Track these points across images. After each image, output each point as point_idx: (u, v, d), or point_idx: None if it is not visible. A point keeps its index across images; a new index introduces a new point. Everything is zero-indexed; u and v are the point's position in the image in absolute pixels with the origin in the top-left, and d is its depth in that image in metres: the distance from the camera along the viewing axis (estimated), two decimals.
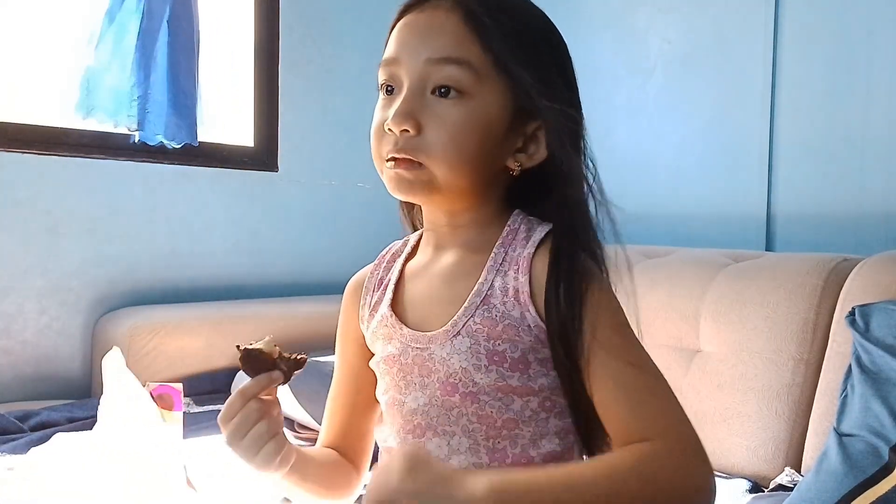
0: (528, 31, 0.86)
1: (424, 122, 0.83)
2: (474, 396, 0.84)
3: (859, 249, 1.76)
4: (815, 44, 2.05)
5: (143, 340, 2.14)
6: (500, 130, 0.85)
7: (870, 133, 1.94)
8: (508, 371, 0.83)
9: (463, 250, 0.91)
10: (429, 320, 0.89)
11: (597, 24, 2.49)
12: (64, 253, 2.23)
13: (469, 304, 0.85)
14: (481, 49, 0.83)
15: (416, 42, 0.85)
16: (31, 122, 2.21)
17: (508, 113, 0.85)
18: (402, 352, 0.89)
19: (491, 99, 0.84)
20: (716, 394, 1.69)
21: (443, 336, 0.86)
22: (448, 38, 0.83)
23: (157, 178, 2.41)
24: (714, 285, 1.78)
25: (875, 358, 1.38)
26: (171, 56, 2.30)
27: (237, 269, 2.60)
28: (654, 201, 2.38)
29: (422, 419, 0.87)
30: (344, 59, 2.81)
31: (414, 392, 0.88)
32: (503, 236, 0.88)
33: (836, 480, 1.25)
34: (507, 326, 0.84)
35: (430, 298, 0.91)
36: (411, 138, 0.83)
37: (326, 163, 2.78)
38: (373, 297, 0.97)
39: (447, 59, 0.83)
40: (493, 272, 0.86)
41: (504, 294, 0.85)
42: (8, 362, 2.14)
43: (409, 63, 0.84)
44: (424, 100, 0.83)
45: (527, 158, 0.87)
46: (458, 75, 0.82)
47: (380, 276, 0.98)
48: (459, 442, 0.85)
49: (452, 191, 0.86)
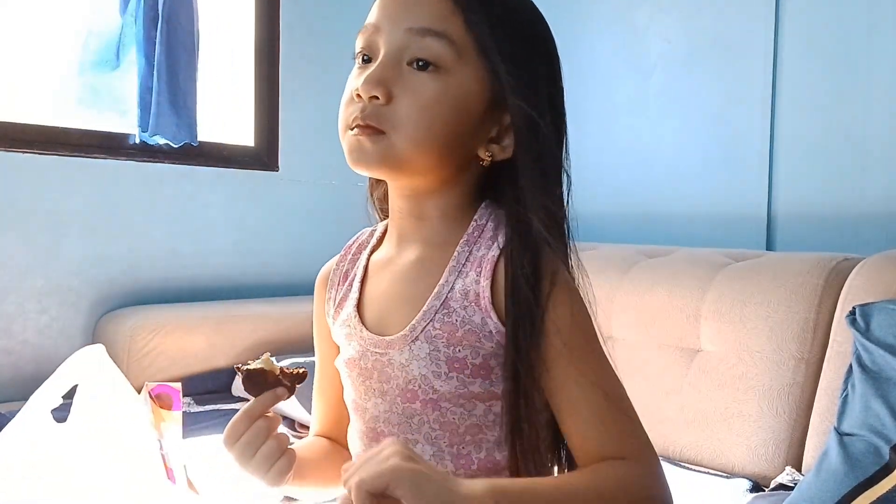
0: (514, 21, 0.83)
1: (396, 91, 0.79)
2: (435, 403, 0.82)
3: (860, 249, 1.76)
4: (815, 43, 2.04)
5: (144, 340, 2.15)
6: (473, 115, 0.81)
7: (870, 132, 1.94)
8: (469, 377, 0.81)
9: (426, 245, 0.87)
10: (388, 321, 0.86)
11: (597, 24, 2.49)
12: (65, 253, 2.23)
13: (428, 307, 0.82)
14: (464, 26, 0.79)
15: (397, 11, 0.82)
16: (32, 122, 2.21)
17: (485, 98, 0.82)
18: (362, 355, 0.87)
19: (468, 79, 0.80)
20: (716, 393, 1.69)
21: (401, 341, 0.83)
22: (432, 9, 0.80)
23: (158, 177, 2.41)
24: (714, 285, 1.78)
25: (876, 357, 1.38)
26: (170, 55, 2.30)
27: (238, 269, 2.60)
28: (655, 200, 2.38)
29: (384, 426, 0.85)
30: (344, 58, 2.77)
31: (374, 398, 0.86)
32: (468, 233, 0.84)
33: (836, 480, 1.25)
34: (467, 332, 0.80)
35: (390, 298, 0.88)
36: (380, 106, 0.79)
37: (327, 162, 2.78)
38: (338, 291, 0.94)
39: (428, 31, 0.79)
40: (455, 273, 0.83)
41: (464, 297, 0.81)
42: (9, 362, 2.14)
43: (389, 31, 0.81)
44: (400, 69, 0.80)
45: (499, 150, 0.83)
46: (438, 48, 0.79)
47: (345, 268, 0.95)
48: (423, 449, 0.83)
49: (416, 169, 0.82)
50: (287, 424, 1.99)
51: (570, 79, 0.90)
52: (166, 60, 2.30)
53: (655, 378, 1.79)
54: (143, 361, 2.14)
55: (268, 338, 2.34)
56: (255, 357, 0.85)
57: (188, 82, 2.36)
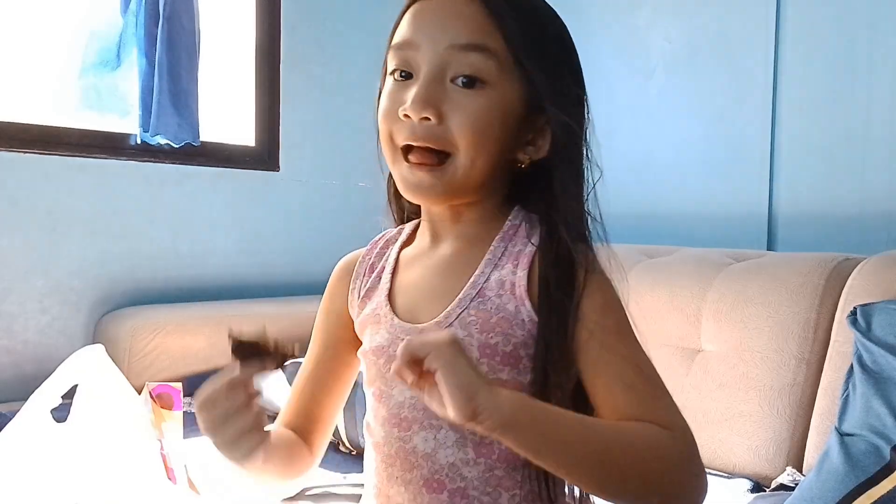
0: (544, 28, 0.85)
1: (445, 110, 0.80)
2: None
3: (861, 249, 1.76)
4: (816, 43, 2.04)
5: (145, 340, 2.15)
6: (515, 123, 0.84)
7: (871, 132, 1.94)
8: (499, 365, 0.82)
9: (461, 242, 0.89)
10: (420, 311, 0.87)
11: (598, 24, 2.49)
12: (65, 253, 2.24)
13: (464, 295, 0.84)
14: (503, 39, 0.81)
15: (435, 27, 0.82)
16: (32, 122, 2.21)
17: (523, 105, 0.84)
18: (391, 343, 0.87)
19: (509, 90, 0.82)
20: (717, 393, 1.69)
21: (434, 328, 0.84)
22: (470, 24, 0.81)
23: (159, 177, 2.41)
24: (715, 285, 1.78)
25: (876, 357, 1.38)
26: (171, 55, 2.30)
27: (239, 269, 2.60)
28: (656, 200, 2.38)
29: (408, 412, 0.85)
30: (345, 58, 2.81)
31: (400, 385, 0.84)
32: (504, 230, 0.87)
33: (837, 480, 1.25)
34: (500, 319, 0.82)
35: (423, 289, 0.89)
36: (432, 126, 0.80)
37: (328, 162, 2.78)
38: (363, 282, 0.95)
39: (471, 46, 0.80)
40: (491, 266, 0.85)
41: (500, 287, 0.83)
42: (10, 362, 2.14)
43: (428, 48, 0.82)
44: (444, 87, 0.81)
45: (535, 151, 0.86)
46: (482, 64, 0.80)
47: (371, 261, 0.96)
48: (446, 436, 0.82)
49: (467, 188, 0.84)
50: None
51: None
52: (167, 60, 2.29)
53: None
54: (143, 361, 2.14)
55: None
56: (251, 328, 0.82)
57: (190, 82, 2.36)
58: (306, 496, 1.49)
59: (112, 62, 2.28)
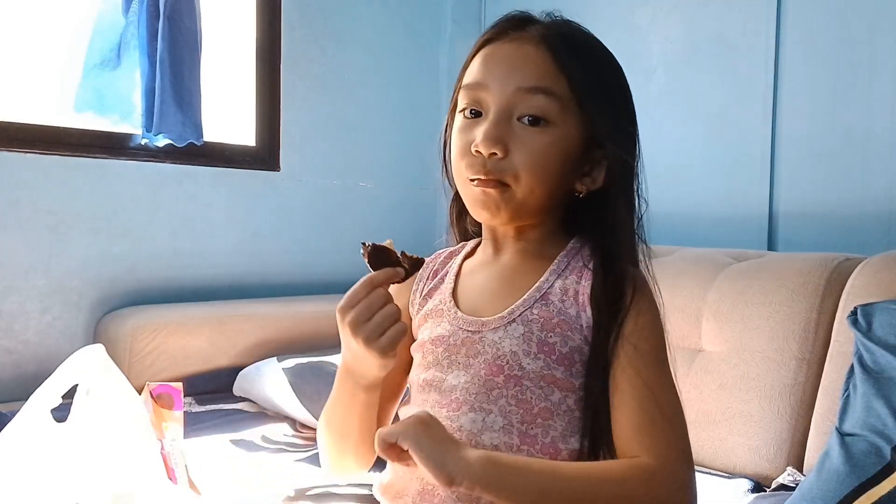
0: (604, 72, 0.94)
1: (512, 147, 0.89)
2: (518, 380, 0.88)
3: (861, 249, 1.76)
4: (817, 43, 2.04)
5: (146, 340, 2.15)
6: (575, 157, 0.92)
7: (872, 132, 1.94)
8: (555, 363, 0.89)
9: (524, 255, 0.97)
10: (482, 309, 0.94)
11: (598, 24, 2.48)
12: (66, 252, 2.24)
13: (528, 296, 0.92)
14: (567, 83, 0.89)
15: (504, 70, 0.90)
16: (33, 122, 2.21)
17: (583, 142, 0.92)
18: (452, 333, 0.94)
19: (571, 129, 0.91)
20: (718, 393, 1.69)
21: (497, 321, 0.91)
22: (537, 69, 0.89)
23: (159, 177, 2.41)
24: (716, 285, 1.78)
25: (877, 357, 1.38)
26: (173, 54, 2.30)
27: (239, 269, 2.60)
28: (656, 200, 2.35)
29: (460, 395, 0.90)
30: (346, 58, 2.81)
31: (457, 370, 0.92)
32: (567, 250, 0.95)
33: (838, 480, 1.25)
34: (561, 321, 0.90)
35: (487, 291, 0.96)
36: (498, 161, 0.89)
37: (328, 162, 2.78)
38: (426, 284, 1.02)
39: (537, 89, 0.89)
40: (555, 275, 0.93)
41: (563, 293, 0.91)
42: (10, 361, 2.14)
43: (497, 90, 0.90)
44: (511, 125, 0.89)
45: (591, 182, 0.94)
46: (546, 105, 0.89)
47: (435, 268, 1.04)
48: (494, 420, 0.88)
49: (529, 212, 0.93)
50: (289, 424, 1.99)
51: None
52: (169, 58, 2.29)
53: None
54: (144, 361, 2.14)
55: (269, 337, 2.34)
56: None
57: (192, 80, 2.36)
58: (306, 496, 1.49)
59: (113, 62, 2.28)
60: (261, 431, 1.92)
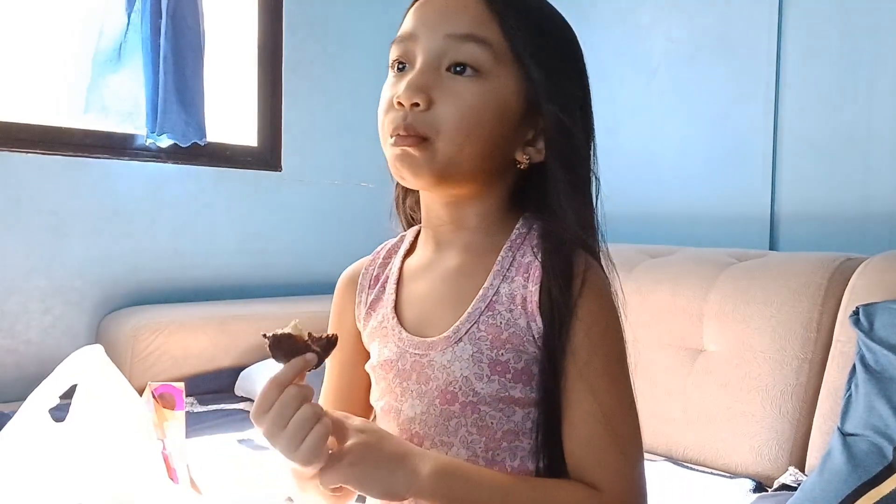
0: (548, 28, 0.85)
1: (436, 96, 0.80)
2: (474, 406, 0.81)
3: (863, 248, 1.76)
4: (819, 42, 2.04)
5: (147, 340, 2.15)
6: (512, 118, 0.83)
7: (874, 132, 1.94)
8: (511, 382, 0.81)
9: (467, 252, 0.88)
10: (429, 324, 0.86)
11: (601, 23, 2.49)
12: (68, 252, 2.24)
13: (473, 309, 0.83)
14: (501, 32, 0.81)
15: (435, 18, 0.82)
16: (36, 122, 2.21)
17: (521, 102, 0.83)
18: (400, 356, 0.86)
19: (506, 83, 0.82)
20: (719, 393, 1.69)
21: (444, 342, 0.83)
22: (470, 16, 0.81)
23: (161, 177, 2.41)
24: (718, 284, 1.78)
25: (879, 357, 1.37)
26: (176, 53, 2.30)
27: (241, 269, 2.60)
28: (658, 200, 2.38)
29: (419, 428, 0.84)
30: (347, 58, 2.81)
31: (411, 399, 0.84)
32: (511, 239, 0.85)
33: (840, 480, 1.25)
34: (511, 335, 0.81)
35: (431, 301, 0.88)
36: (421, 113, 0.80)
37: (330, 162, 2.79)
38: (368, 294, 0.94)
39: (468, 36, 0.80)
40: (500, 277, 0.84)
41: (511, 301, 0.82)
42: (12, 361, 2.15)
43: (427, 38, 0.82)
44: (439, 75, 0.81)
45: (535, 153, 0.85)
46: (478, 53, 0.80)
47: (375, 272, 0.95)
48: (458, 453, 0.82)
49: (459, 174, 0.82)
50: None
51: None
52: (173, 59, 2.29)
53: (659, 378, 1.79)
54: (146, 361, 2.14)
55: None
56: (283, 326, 0.81)
57: (195, 81, 2.36)
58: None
59: (116, 61, 2.28)
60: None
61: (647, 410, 0.83)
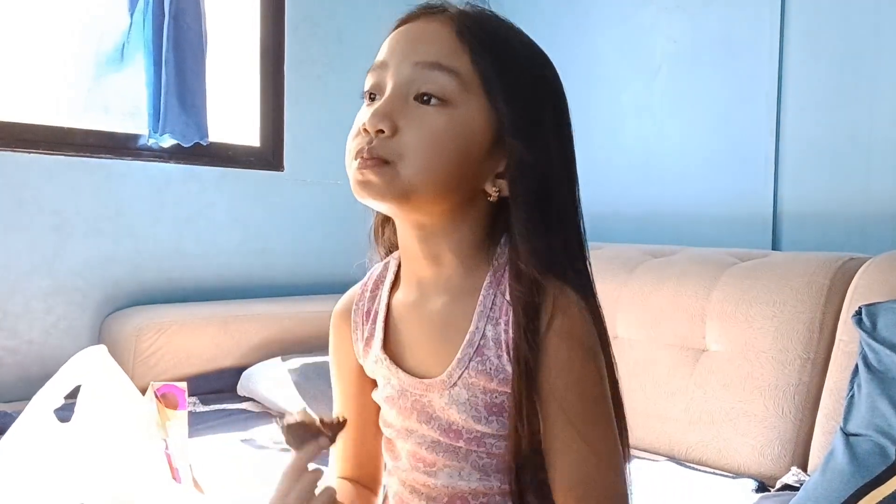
0: (519, 63, 0.83)
1: (402, 124, 0.79)
2: (479, 441, 0.83)
3: (866, 248, 1.76)
4: (821, 42, 2.04)
5: (150, 340, 2.15)
6: (478, 149, 0.81)
7: (876, 132, 1.94)
8: (508, 420, 0.82)
9: (449, 294, 0.87)
10: (424, 365, 0.87)
11: (602, 24, 2.49)
12: (70, 252, 2.24)
13: (462, 355, 0.83)
14: (470, 62, 0.80)
15: (405, 47, 0.83)
16: (38, 122, 2.22)
17: (491, 133, 0.82)
18: (401, 395, 0.88)
19: (474, 114, 0.81)
20: (722, 393, 1.69)
21: (440, 385, 0.84)
22: (439, 45, 0.81)
23: (163, 177, 2.41)
24: (720, 284, 1.78)
25: (882, 357, 1.37)
26: (178, 54, 2.30)
27: (243, 269, 2.60)
28: (660, 200, 2.38)
29: (427, 454, 0.86)
30: (349, 58, 2.81)
31: (415, 435, 0.87)
32: (490, 275, 0.84)
33: (842, 480, 1.25)
34: (501, 381, 0.81)
35: (422, 345, 0.88)
36: (385, 139, 0.79)
37: (332, 162, 2.78)
38: (363, 330, 0.94)
39: (435, 65, 0.80)
40: (484, 319, 0.83)
41: (497, 346, 0.82)
42: (14, 361, 2.15)
43: (396, 67, 0.82)
44: (406, 103, 0.80)
45: (505, 185, 0.83)
46: (444, 82, 0.79)
47: (365, 306, 0.95)
48: (469, 473, 0.84)
49: (421, 200, 0.81)
50: None
51: (575, 79, 0.90)
52: (175, 59, 2.30)
53: (661, 378, 1.79)
54: (148, 361, 2.14)
55: (273, 337, 2.34)
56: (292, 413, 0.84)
57: (197, 81, 2.36)
58: None
59: (119, 61, 2.29)
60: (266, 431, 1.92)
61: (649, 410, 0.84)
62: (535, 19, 2.51)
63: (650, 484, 1.56)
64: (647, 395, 1.77)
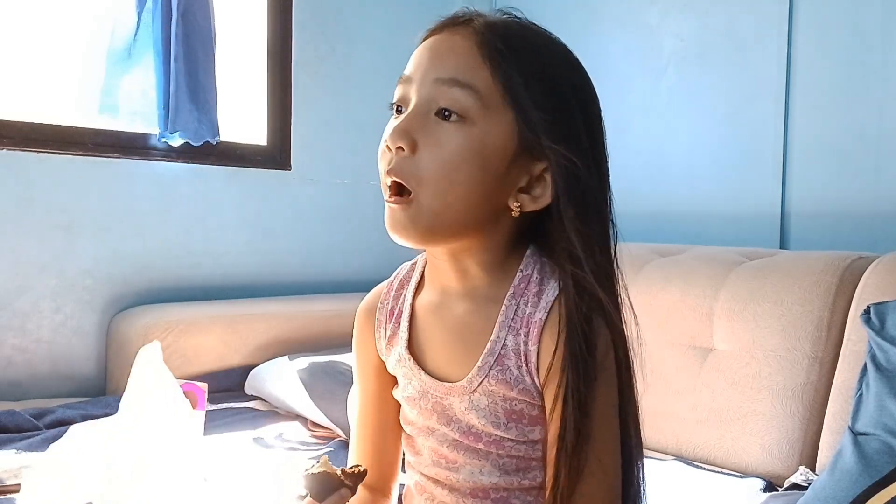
0: (548, 69, 0.82)
1: (421, 142, 0.79)
2: (499, 444, 0.85)
3: (874, 247, 1.75)
4: (829, 41, 2.03)
5: (157, 338, 2.13)
6: (500, 165, 0.81)
7: (885, 130, 1.93)
8: (528, 426, 0.84)
9: (472, 301, 0.87)
10: (445, 368, 0.88)
11: (610, 22, 2.49)
12: (79, 251, 2.25)
13: (483, 363, 0.84)
14: (491, 77, 0.79)
15: (427, 63, 0.82)
16: (47, 122, 2.22)
17: (513, 147, 0.81)
18: (422, 396, 0.89)
19: (494, 129, 0.80)
20: (730, 392, 1.69)
21: (460, 390, 0.85)
22: (459, 60, 0.80)
23: (172, 176, 2.42)
24: (728, 283, 1.77)
25: (890, 356, 1.37)
26: (188, 51, 2.31)
27: (251, 268, 2.61)
28: (668, 199, 2.38)
29: (448, 452, 0.88)
30: (356, 56, 2.81)
31: (436, 434, 0.89)
32: (514, 285, 0.84)
33: (850, 479, 1.25)
34: (521, 391, 0.83)
35: (443, 346, 0.89)
36: (405, 158, 0.80)
37: (339, 161, 2.79)
38: (386, 328, 0.95)
39: (453, 81, 0.79)
40: (506, 329, 0.84)
41: (517, 357, 0.83)
42: (23, 360, 2.16)
43: (419, 82, 0.82)
44: (427, 120, 0.80)
45: (530, 200, 0.83)
46: (463, 99, 0.79)
47: (390, 305, 0.96)
48: (490, 471, 0.86)
49: (447, 230, 0.82)
50: (301, 423, 1.99)
51: None
52: (184, 57, 2.30)
53: (668, 377, 1.78)
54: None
55: (281, 336, 2.35)
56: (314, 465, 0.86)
57: (207, 78, 2.36)
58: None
59: (127, 60, 2.29)
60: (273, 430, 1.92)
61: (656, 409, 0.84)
62: (543, 18, 2.48)
63: (658, 483, 1.55)
64: (655, 394, 1.77)
